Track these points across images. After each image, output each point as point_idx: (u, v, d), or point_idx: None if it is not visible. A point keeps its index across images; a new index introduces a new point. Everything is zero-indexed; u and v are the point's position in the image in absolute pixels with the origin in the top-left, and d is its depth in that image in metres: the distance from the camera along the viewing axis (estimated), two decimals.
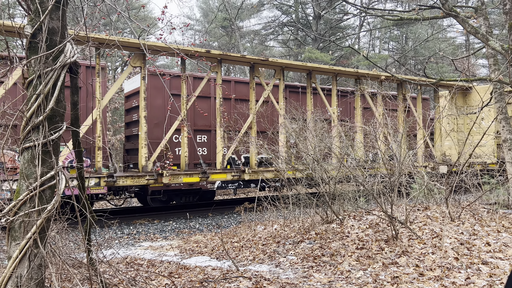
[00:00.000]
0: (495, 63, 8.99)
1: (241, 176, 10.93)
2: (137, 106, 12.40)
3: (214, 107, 11.92)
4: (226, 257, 6.02)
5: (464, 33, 17.16)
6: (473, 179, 8.45)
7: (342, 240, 6.07)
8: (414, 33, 30.88)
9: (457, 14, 7.76)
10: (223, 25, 30.06)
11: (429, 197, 8.42)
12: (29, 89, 3.21)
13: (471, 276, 4.54)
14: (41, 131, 3.15)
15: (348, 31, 31.17)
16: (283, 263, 5.49)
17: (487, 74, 26.80)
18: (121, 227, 9.69)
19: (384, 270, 4.86)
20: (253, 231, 7.74)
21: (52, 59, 3.23)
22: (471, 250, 5.41)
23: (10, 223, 3.06)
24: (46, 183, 3.14)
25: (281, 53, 32.18)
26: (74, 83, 3.68)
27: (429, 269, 4.81)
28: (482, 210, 7.81)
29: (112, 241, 8.12)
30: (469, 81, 9.90)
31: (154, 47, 7.85)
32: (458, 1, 20.77)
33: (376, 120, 12.20)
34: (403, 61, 28.64)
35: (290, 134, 9.09)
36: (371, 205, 8.73)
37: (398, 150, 6.49)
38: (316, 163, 7.05)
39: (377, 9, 17.28)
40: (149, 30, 4.89)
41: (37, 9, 3.17)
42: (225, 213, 11.78)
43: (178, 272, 5.38)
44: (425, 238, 5.90)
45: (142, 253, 6.96)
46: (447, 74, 27.14)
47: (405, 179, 6.97)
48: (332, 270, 5.01)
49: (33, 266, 3.04)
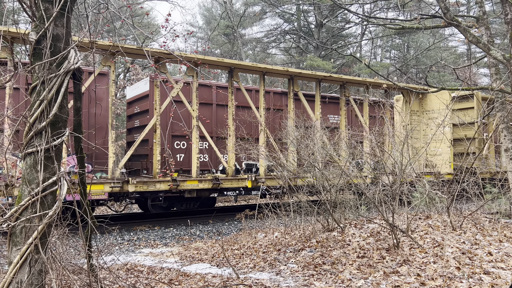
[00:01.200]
0: (496, 72, 9.01)
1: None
2: (139, 112, 12.47)
3: (215, 113, 11.97)
4: (226, 265, 6.00)
5: (465, 42, 17.24)
6: (475, 189, 8.41)
7: (343, 248, 6.05)
8: (415, 42, 30.98)
9: (458, 24, 7.80)
10: (226, 33, 30.22)
11: (431, 205, 8.40)
12: (33, 95, 3.23)
13: (472, 286, 4.51)
14: (43, 136, 3.17)
15: (350, 39, 31.32)
16: (283, 271, 5.47)
17: (488, 83, 26.81)
18: (121, 233, 9.67)
19: (385, 279, 4.84)
20: (253, 238, 7.72)
21: (56, 65, 3.26)
22: (472, 260, 5.38)
23: (11, 228, 3.06)
24: (48, 188, 3.15)
25: (283, 61, 32.28)
26: (77, 89, 3.71)
27: (431, 278, 4.79)
28: (483, 220, 7.78)
29: (113, 247, 8.10)
30: (471, 90, 9.92)
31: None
32: (459, 11, 20.87)
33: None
34: (404, 69, 28.71)
35: (291, 142, 9.09)
36: (372, 214, 8.71)
37: (399, 158, 6.48)
38: (318, 170, 7.05)
39: (379, 18, 17.37)
40: (152, 37, 4.93)
41: (41, 15, 3.20)
42: (225, 220, 11.75)
43: (178, 279, 5.36)
44: (427, 247, 5.87)
45: (142, 260, 6.94)
46: (449, 83, 27.18)
47: (406, 187, 6.96)
48: (333, 278, 4.99)
49: (33, 271, 3.03)
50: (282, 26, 30.54)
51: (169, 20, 5.37)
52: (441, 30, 28.94)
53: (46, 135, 3.17)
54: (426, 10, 17.31)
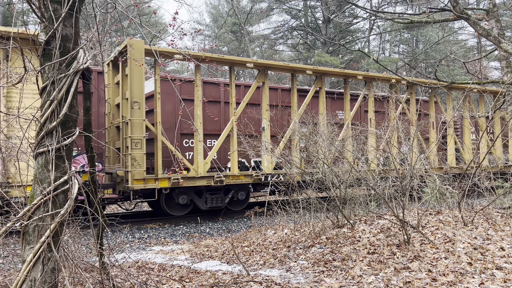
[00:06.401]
0: (507, 65, 8.88)
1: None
2: (147, 111, 12.53)
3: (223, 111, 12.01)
4: (236, 262, 6.02)
5: (475, 35, 17.04)
6: (486, 183, 8.33)
7: (353, 244, 6.03)
8: (424, 36, 30.69)
9: (468, 17, 7.70)
10: (233, 30, 30.23)
11: (441, 201, 8.33)
12: (43, 95, 3.27)
13: (485, 281, 4.47)
14: (54, 136, 3.20)
15: (357, 34, 31.11)
16: (293, 268, 5.47)
17: (499, 76, 26.44)
18: (132, 231, 9.75)
19: (396, 275, 4.81)
20: (263, 235, 7.73)
21: (66, 66, 3.29)
22: (484, 255, 5.33)
23: (24, 227, 3.11)
24: (60, 187, 3.18)
25: (291, 57, 32.21)
26: (87, 89, 3.74)
27: (442, 274, 4.75)
28: (495, 215, 7.70)
29: (124, 245, 8.17)
30: (481, 83, 9.79)
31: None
32: (469, 4, 20.61)
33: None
34: (413, 64, 28.45)
35: (300, 138, 9.08)
36: (382, 210, 8.66)
37: (409, 153, 6.43)
38: (327, 167, 7.03)
39: (387, 12, 17.22)
40: (160, 36, 4.95)
41: (50, 16, 3.23)
42: (235, 217, 11.78)
43: (189, 276, 5.39)
44: (438, 243, 5.83)
45: (153, 257, 6.99)
46: (459, 77, 26.88)
47: (416, 183, 6.91)
48: (343, 275, 4.98)
49: (46, 269, 3.07)
50: (289, 23, 30.46)
51: (176, 19, 5.38)
52: (450, 24, 28.60)
53: (56, 134, 3.20)
54: (435, 3, 17.10)
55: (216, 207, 11.36)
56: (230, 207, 12.05)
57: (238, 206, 12.16)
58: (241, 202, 12.15)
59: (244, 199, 12.05)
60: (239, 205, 12.17)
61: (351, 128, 12.34)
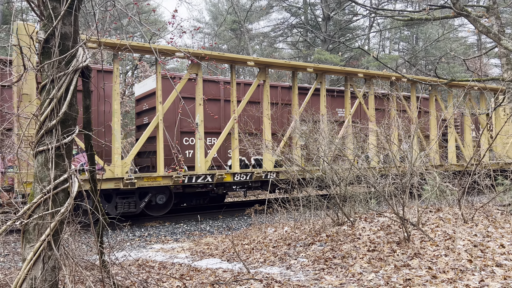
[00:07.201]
0: (507, 62, 8.86)
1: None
2: (147, 109, 12.53)
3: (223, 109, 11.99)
4: (237, 259, 6.03)
5: (475, 32, 17.00)
6: (486, 180, 8.33)
7: (353, 242, 6.03)
8: (424, 33, 30.63)
9: (468, 14, 7.68)
10: (232, 28, 30.16)
11: (441, 198, 8.33)
12: (43, 93, 3.26)
13: (485, 278, 4.48)
14: (54, 134, 3.20)
15: (357, 32, 31.05)
16: (294, 266, 5.48)
17: (499, 74, 26.43)
18: (132, 230, 9.75)
19: (396, 272, 4.82)
20: (263, 233, 7.74)
21: (65, 64, 3.28)
22: (484, 252, 5.33)
23: (24, 225, 3.10)
24: (60, 186, 3.18)
25: (290, 55, 32.15)
26: (86, 87, 3.73)
27: (442, 271, 4.76)
28: (495, 212, 7.70)
29: (124, 243, 8.18)
30: (481, 81, 9.77)
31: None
32: (469, 0, 20.57)
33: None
34: (413, 61, 28.41)
35: (300, 136, 9.07)
36: (383, 207, 8.67)
37: (410, 150, 6.43)
38: (327, 164, 7.03)
39: (387, 9, 17.18)
40: (159, 34, 4.94)
41: (50, 14, 3.22)
42: (235, 215, 11.79)
43: (189, 274, 5.40)
44: (438, 240, 5.83)
45: (153, 255, 7.00)
46: (459, 74, 26.85)
47: (416, 180, 6.91)
48: (343, 272, 4.98)
49: (47, 268, 3.07)
50: (289, 20, 30.40)
51: (175, 17, 5.36)
52: (450, 21, 28.55)
53: (56, 133, 3.19)
54: (435, 0, 17.07)
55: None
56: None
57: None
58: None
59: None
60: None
61: (351, 126, 12.32)
